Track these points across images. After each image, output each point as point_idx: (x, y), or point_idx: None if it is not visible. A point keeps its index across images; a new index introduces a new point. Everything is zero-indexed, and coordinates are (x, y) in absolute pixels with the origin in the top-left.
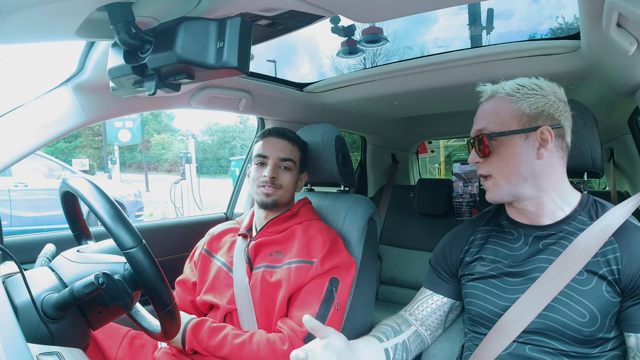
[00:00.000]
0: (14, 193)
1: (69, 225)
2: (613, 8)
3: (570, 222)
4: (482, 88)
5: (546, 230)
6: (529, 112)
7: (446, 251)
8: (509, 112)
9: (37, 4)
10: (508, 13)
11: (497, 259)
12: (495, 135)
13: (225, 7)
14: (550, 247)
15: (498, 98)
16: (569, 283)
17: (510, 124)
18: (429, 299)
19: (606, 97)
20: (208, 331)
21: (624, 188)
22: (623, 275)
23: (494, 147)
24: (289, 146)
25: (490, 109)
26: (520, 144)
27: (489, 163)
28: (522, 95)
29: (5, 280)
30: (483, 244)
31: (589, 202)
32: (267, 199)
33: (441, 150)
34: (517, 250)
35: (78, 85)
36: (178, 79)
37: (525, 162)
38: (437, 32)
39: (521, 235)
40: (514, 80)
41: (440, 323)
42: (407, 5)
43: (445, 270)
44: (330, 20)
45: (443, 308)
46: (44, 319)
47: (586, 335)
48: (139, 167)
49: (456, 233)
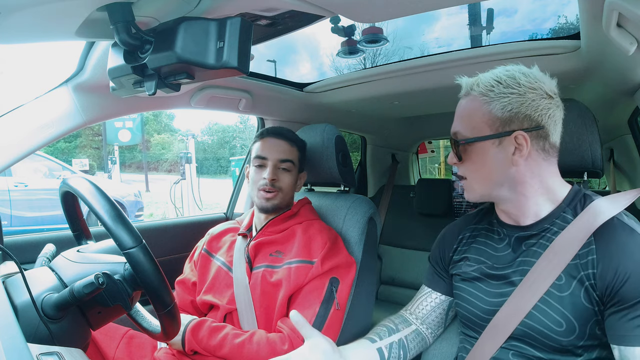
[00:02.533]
0: (14, 193)
1: (69, 225)
2: (613, 8)
3: (553, 220)
4: (459, 81)
5: (528, 230)
6: (501, 115)
7: (439, 247)
8: (480, 115)
9: (37, 4)
10: (512, 10)
11: (482, 260)
12: (464, 142)
13: (225, 7)
14: (531, 249)
15: (471, 97)
16: (548, 288)
17: (482, 129)
18: (428, 297)
19: (606, 97)
20: (208, 331)
21: (624, 188)
22: (599, 281)
23: (466, 152)
24: (287, 147)
25: (463, 110)
26: (492, 150)
27: (463, 166)
28: (496, 95)
29: (5, 280)
30: (471, 243)
31: (577, 197)
32: (267, 203)
33: (441, 150)
34: (501, 251)
35: (78, 85)
36: (178, 79)
37: (498, 169)
38: (440, 31)
39: (505, 236)
40: (493, 73)
41: (440, 321)
42: (407, 5)
43: (441, 266)
44: (330, 20)
45: (442, 306)
46: (44, 319)
47: (564, 344)
48: (139, 167)
49: (449, 229)
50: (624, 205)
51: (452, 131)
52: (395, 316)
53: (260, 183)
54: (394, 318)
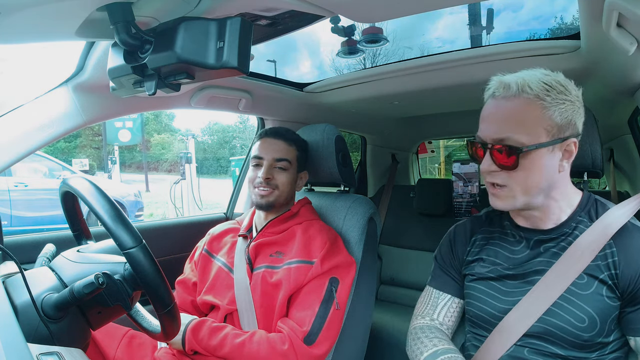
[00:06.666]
0: (14, 193)
1: (69, 225)
2: (613, 8)
3: (570, 224)
4: (506, 80)
5: (548, 234)
6: (559, 121)
7: (450, 249)
8: (539, 121)
9: (37, 4)
10: (518, 5)
11: (497, 261)
12: (526, 150)
13: (225, 7)
14: (550, 250)
15: (525, 100)
16: (568, 287)
17: (539, 135)
18: (451, 305)
19: (606, 97)
20: (208, 331)
21: (624, 188)
22: (621, 280)
23: (519, 160)
24: (284, 146)
25: (514, 112)
26: (546, 156)
27: (508, 175)
28: (553, 101)
29: (5, 280)
30: (484, 245)
31: (590, 202)
32: (262, 200)
33: (441, 150)
34: (518, 253)
35: (78, 85)
36: (178, 79)
37: (547, 176)
38: (441, 29)
39: (522, 239)
40: (535, 75)
41: (456, 325)
42: (407, 5)
43: (453, 268)
44: (330, 20)
45: (461, 311)
46: (44, 319)
47: (585, 340)
48: (139, 167)
49: (459, 231)
50: (634, 210)
51: (497, 136)
52: (435, 330)
53: (256, 181)
54: (438, 334)
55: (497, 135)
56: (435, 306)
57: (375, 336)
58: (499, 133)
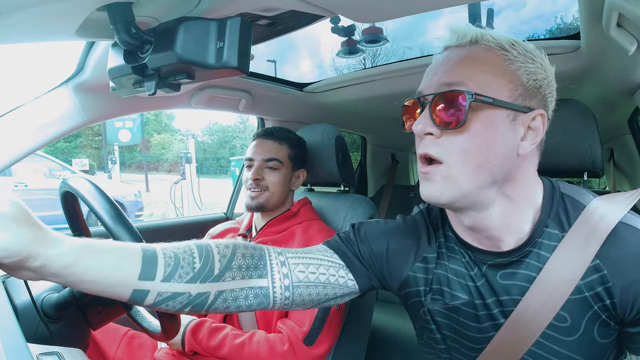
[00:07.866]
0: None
1: (69, 225)
2: (613, 8)
3: (535, 240)
4: (462, 29)
5: (505, 257)
6: (526, 82)
7: (388, 259)
8: (500, 72)
9: (37, 4)
10: (518, 4)
11: (451, 293)
12: (480, 98)
13: (225, 7)
14: (510, 282)
15: (484, 47)
16: (547, 333)
17: (499, 88)
18: (332, 268)
19: (606, 97)
20: (208, 331)
21: (624, 188)
22: (619, 310)
23: (467, 115)
24: (274, 145)
25: (470, 56)
26: (504, 124)
27: (448, 140)
28: (519, 55)
29: (5, 280)
30: (433, 269)
31: (555, 200)
32: (252, 202)
33: None
34: (471, 280)
35: (78, 86)
36: (178, 79)
37: (502, 152)
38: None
39: (471, 261)
40: (495, 32)
41: (317, 303)
42: (407, 5)
43: (374, 269)
44: (330, 20)
45: (340, 290)
46: (44, 319)
47: None
48: (139, 167)
49: (409, 232)
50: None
51: (444, 80)
52: (253, 248)
53: (247, 183)
54: (252, 249)
55: (444, 80)
56: (302, 255)
57: (375, 336)
58: (447, 78)
